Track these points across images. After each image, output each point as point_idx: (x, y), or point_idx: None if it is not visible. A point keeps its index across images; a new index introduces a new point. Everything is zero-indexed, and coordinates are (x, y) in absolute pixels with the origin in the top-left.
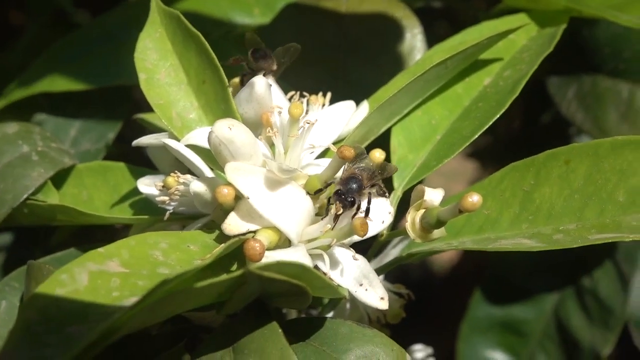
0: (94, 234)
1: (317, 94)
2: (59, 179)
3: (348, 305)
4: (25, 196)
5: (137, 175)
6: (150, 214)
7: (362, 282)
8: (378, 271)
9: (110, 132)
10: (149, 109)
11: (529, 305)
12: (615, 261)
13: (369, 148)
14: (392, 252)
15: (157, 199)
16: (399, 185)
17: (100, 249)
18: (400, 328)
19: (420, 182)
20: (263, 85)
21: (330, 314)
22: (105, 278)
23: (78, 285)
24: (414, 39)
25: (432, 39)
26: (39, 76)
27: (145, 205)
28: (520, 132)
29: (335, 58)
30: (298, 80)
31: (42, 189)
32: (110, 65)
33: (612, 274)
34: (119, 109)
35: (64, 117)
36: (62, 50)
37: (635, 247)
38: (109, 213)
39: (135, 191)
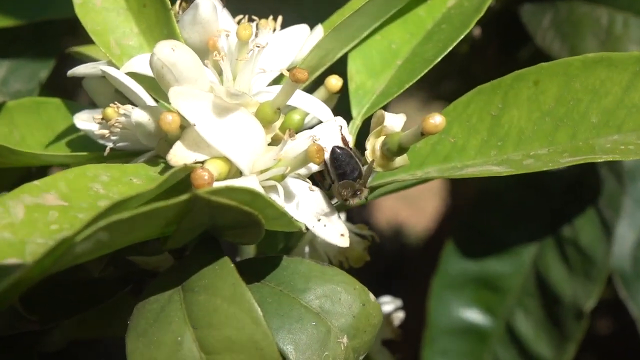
0: (27, 180)
1: (266, 16)
2: None
3: (307, 249)
4: None
5: (74, 111)
6: (89, 151)
7: (320, 217)
8: (339, 208)
9: (43, 70)
10: (84, 42)
11: (505, 259)
12: (598, 208)
13: (326, 74)
14: None
15: (96, 132)
16: (358, 114)
17: (36, 182)
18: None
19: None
20: (208, 7)
21: None
22: (42, 211)
23: (13, 219)
24: None
25: None
26: None
27: (84, 143)
28: (496, 72)
29: None
30: (245, 5)
31: None
32: None
33: (594, 222)
34: (52, 44)
35: None
36: None
37: (618, 192)
38: (44, 152)
39: (73, 128)
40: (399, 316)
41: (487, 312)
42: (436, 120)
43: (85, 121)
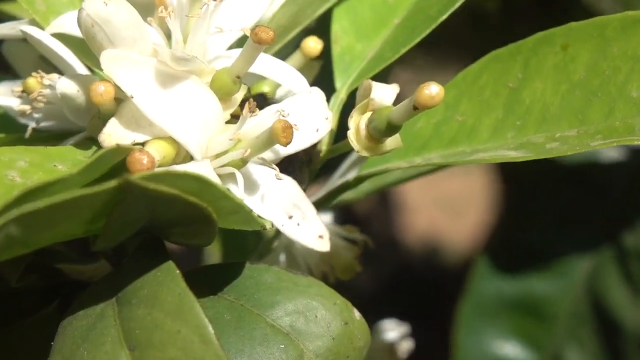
0: None
1: None
2: None
3: (283, 257)
4: None
5: None
6: (8, 132)
7: (291, 214)
8: (319, 204)
9: None
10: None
11: (551, 276)
12: None
13: (303, 36)
14: (340, 181)
15: (16, 108)
16: (343, 85)
17: None
18: (380, 309)
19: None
20: None
21: None
22: None
23: None
24: None
25: None
26: None
27: (3, 122)
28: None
29: None
30: None
31: None
32: None
33: None
34: None
35: None
36: None
37: None
38: None
39: None
40: (406, 346)
41: (529, 345)
42: (432, 90)
43: (4, 96)
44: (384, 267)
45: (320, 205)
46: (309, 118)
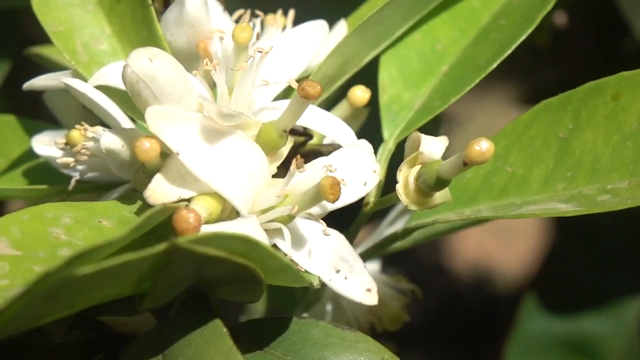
0: None
1: (275, 12)
2: None
3: (329, 307)
4: None
5: (32, 132)
6: (50, 183)
7: (339, 268)
8: (366, 255)
9: None
10: (48, 40)
11: (604, 315)
12: None
13: (350, 85)
14: (388, 231)
15: (59, 161)
16: (391, 135)
17: None
18: (427, 338)
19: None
20: (197, 2)
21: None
22: None
23: None
24: None
25: None
26: None
27: (45, 171)
28: (596, 67)
29: None
30: None
31: None
32: None
33: None
34: (5, 43)
35: None
36: None
37: None
38: None
39: (31, 154)
40: None
41: None
42: (482, 146)
43: (46, 145)
44: (431, 294)
45: (368, 256)
46: (357, 171)
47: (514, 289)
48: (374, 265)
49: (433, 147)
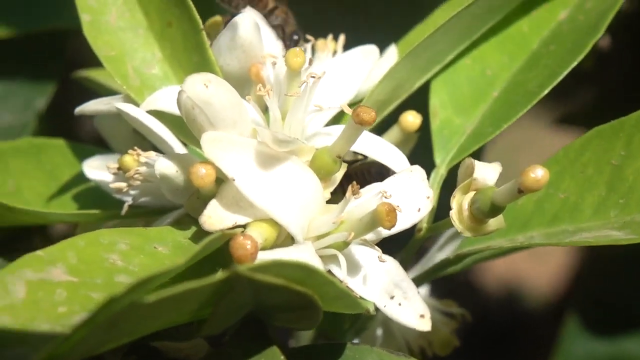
0: (22, 239)
1: (325, 36)
2: None
3: (380, 332)
4: None
5: (82, 156)
6: (101, 208)
7: (393, 294)
8: (418, 280)
9: (40, 98)
10: (93, 63)
11: None
12: None
13: (400, 110)
14: (438, 256)
15: (111, 186)
16: (443, 161)
17: (39, 252)
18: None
19: (477, 157)
20: (250, 27)
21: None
22: (47, 289)
23: (13, 299)
24: None
25: None
26: None
27: (95, 196)
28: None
29: None
30: (299, 19)
31: None
32: (38, 2)
33: None
34: (52, 65)
35: None
36: None
37: None
38: (46, 207)
39: (81, 177)
40: None
41: None
42: (538, 174)
43: (97, 170)
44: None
45: (419, 281)
46: (411, 197)
47: (544, 305)
48: (423, 290)
49: (487, 173)
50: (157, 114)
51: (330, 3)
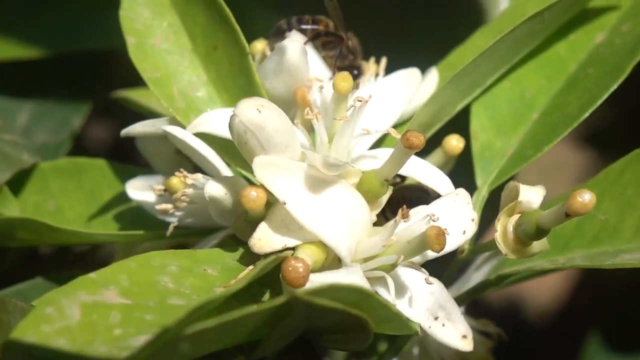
0: (58, 258)
1: (365, 57)
2: (15, 184)
3: (416, 350)
4: None
5: (123, 176)
6: (142, 228)
7: (437, 315)
8: (458, 301)
9: (76, 117)
10: (128, 82)
11: None
12: None
13: (442, 133)
14: (476, 276)
15: (158, 207)
16: (484, 183)
17: (91, 275)
18: None
19: (512, 179)
20: (297, 51)
21: None
22: (102, 312)
23: (69, 321)
24: None
25: None
26: None
27: (136, 216)
28: None
29: (389, 6)
30: None
31: None
32: (75, 21)
33: None
34: (86, 84)
35: (9, 96)
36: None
37: None
38: (88, 227)
39: (120, 198)
40: None
41: None
42: (585, 198)
43: (140, 190)
44: None
45: (460, 301)
46: (457, 220)
47: (544, 315)
48: (460, 310)
49: (531, 196)
50: (202, 136)
51: (366, 25)
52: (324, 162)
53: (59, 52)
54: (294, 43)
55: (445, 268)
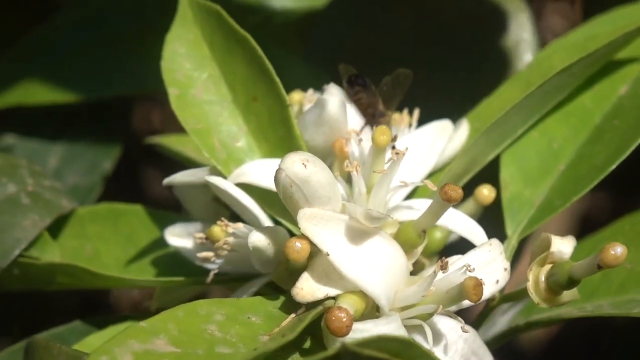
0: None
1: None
2: (54, 229)
3: None
4: (17, 252)
5: (159, 222)
6: (181, 274)
7: None
8: (488, 345)
9: (106, 160)
10: (157, 128)
11: None
12: None
13: (473, 183)
14: (502, 320)
15: (199, 255)
16: (514, 232)
17: (142, 324)
18: None
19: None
20: (337, 105)
21: None
22: None
23: None
24: (520, 29)
25: (542, 26)
26: (4, 83)
27: (173, 261)
28: None
29: (414, 55)
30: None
31: (36, 242)
32: (106, 67)
33: None
34: (117, 128)
35: (41, 139)
36: (37, 45)
37: None
38: (125, 272)
39: (157, 243)
40: None
41: None
42: (617, 251)
43: (178, 237)
44: None
45: (489, 346)
46: (490, 270)
47: (538, 346)
48: None
49: (563, 247)
50: (242, 185)
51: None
52: (365, 215)
53: (91, 97)
54: (335, 97)
55: (470, 311)
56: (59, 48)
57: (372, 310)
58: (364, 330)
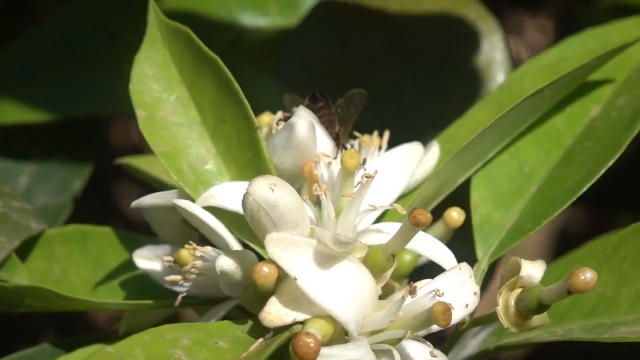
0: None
1: (360, 126)
2: (22, 250)
3: None
4: None
5: (129, 244)
6: (149, 297)
7: None
8: None
9: (77, 180)
10: (136, 144)
11: None
12: None
13: (444, 205)
14: (472, 343)
15: (167, 278)
16: (484, 255)
17: (109, 349)
18: None
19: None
20: (306, 128)
21: None
22: None
23: None
24: (492, 48)
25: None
26: None
27: (142, 284)
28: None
29: (385, 75)
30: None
31: (4, 264)
32: (79, 86)
33: None
34: (87, 148)
35: (10, 158)
36: (8, 64)
37: None
38: (94, 294)
39: (127, 265)
40: None
41: None
42: (587, 276)
43: (147, 260)
44: None
45: None
46: (460, 294)
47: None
48: None
49: (533, 272)
50: (210, 208)
51: (367, 97)
52: (334, 240)
53: (61, 116)
54: (303, 120)
55: (441, 335)
56: (30, 67)
57: (341, 335)
58: (332, 355)
